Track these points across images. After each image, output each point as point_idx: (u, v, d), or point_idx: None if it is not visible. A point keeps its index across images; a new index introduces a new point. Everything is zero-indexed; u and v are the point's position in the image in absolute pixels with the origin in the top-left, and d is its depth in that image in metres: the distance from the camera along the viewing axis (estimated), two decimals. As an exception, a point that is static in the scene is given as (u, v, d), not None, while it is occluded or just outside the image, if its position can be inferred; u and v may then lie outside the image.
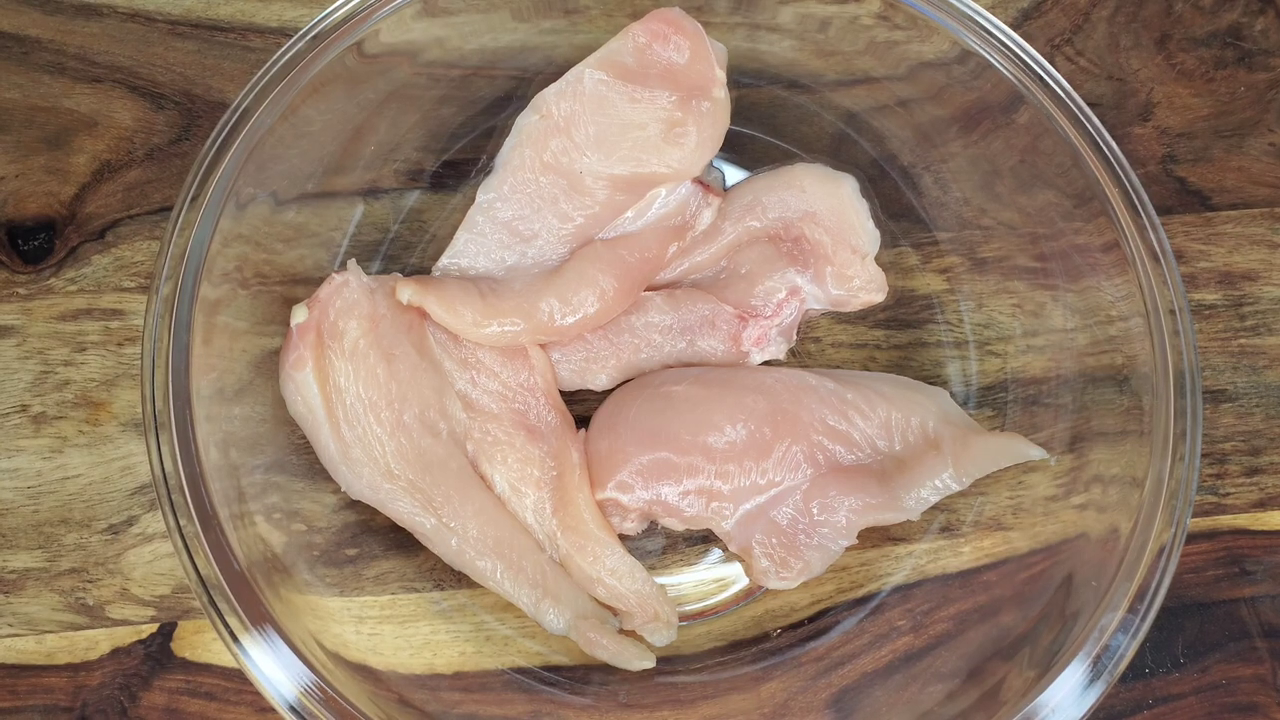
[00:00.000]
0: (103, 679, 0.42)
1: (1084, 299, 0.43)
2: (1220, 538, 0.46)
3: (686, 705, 0.41)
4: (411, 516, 0.41)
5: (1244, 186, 0.51)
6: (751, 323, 0.45)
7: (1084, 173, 0.41)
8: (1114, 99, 0.51)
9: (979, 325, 0.47)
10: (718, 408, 0.43)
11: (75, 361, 0.46)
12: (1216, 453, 0.47)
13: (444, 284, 0.43)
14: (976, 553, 0.43)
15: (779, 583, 0.42)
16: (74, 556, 0.44)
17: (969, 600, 0.42)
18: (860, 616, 0.43)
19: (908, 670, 0.41)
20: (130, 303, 0.47)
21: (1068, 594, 0.39)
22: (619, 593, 0.42)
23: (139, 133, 0.49)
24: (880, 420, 0.44)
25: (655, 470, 0.43)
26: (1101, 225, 0.41)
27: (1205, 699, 0.44)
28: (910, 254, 0.48)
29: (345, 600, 0.41)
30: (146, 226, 0.48)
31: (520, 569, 0.42)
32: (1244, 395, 0.48)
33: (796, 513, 0.43)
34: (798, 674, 0.42)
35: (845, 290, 0.45)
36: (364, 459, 0.41)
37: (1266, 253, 0.50)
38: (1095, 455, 0.41)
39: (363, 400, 0.41)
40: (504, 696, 0.41)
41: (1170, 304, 0.39)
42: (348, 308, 0.42)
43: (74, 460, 0.45)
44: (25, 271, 0.47)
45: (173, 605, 0.43)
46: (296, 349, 0.41)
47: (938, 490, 0.42)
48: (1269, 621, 0.45)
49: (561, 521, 0.42)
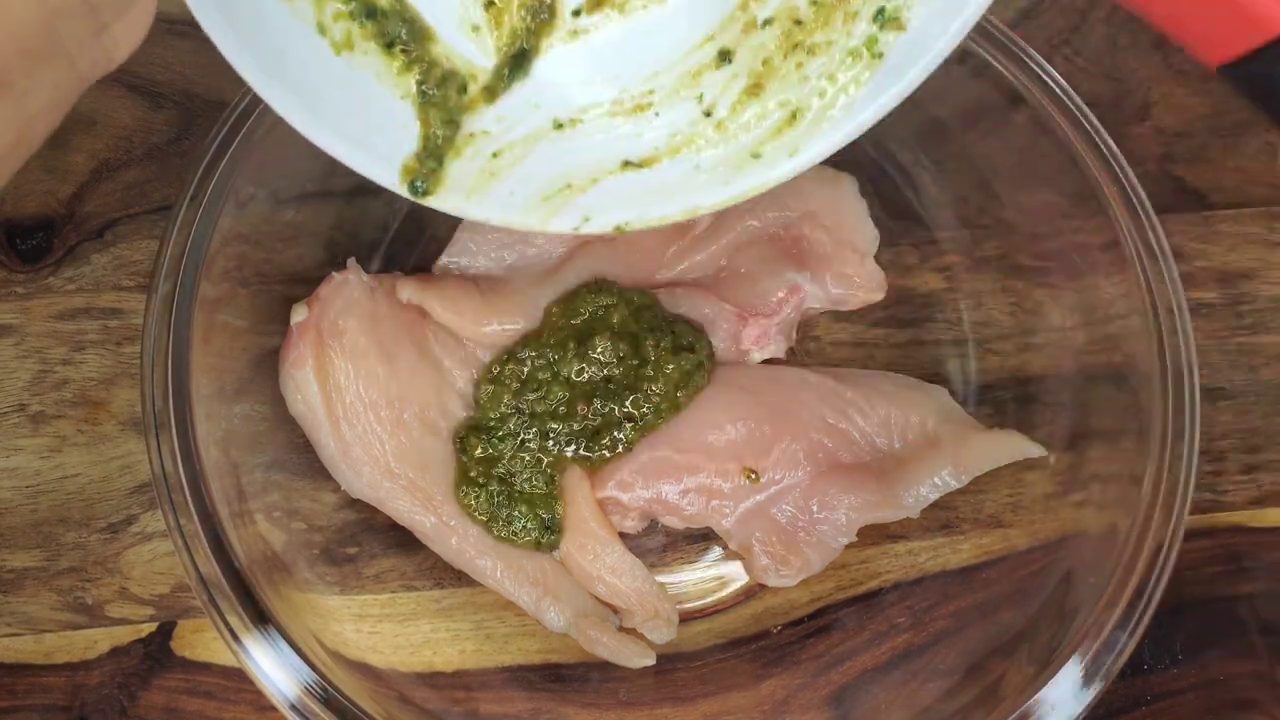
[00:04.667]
0: (101, 678, 0.42)
1: (1082, 297, 0.43)
2: (1218, 535, 0.46)
3: (687, 702, 0.41)
4: (411, 515, 0.41)
5: (1241, 185, 0.51)
6: (751, 321, 0.45)
7: (1082, 172, 0.41)
8: (1112, 98, 0.51)
9: (978, 323, 0.47)
10: (718, 406, 0.43)
11: (74, 360, 0.46)
12: (1214, 450, 0.47)
13: (444, 283, 0.43)
14: (976, 550, 0.43)
15: (779, 580, 0.42)
16: (73, 556, 0.44)
17: (968, 597, 0.42)
18: (860, 614, 0.43)
19: (907, 667, 0.41)
20: (129, 302, 0.47)
21: (1066, 591, 0.39)
22: (619, 590, 0.42)
23: (138, 131, 0.49)
24: (880, 418, 0.44)
25: (655, 468, 0.43)
26: (1100, 224, 0.41)
27: (1203, 695, 0.44)
28: (909, 253, 0.48)
29: (345, 599, 0.41)
30: (146, 225, 0.48)
31: (520, 567, 0.42)
32: (1241, 393, 0.48)
33: (796, 510, 0.43)
34: (798, 671, 0.42)
35: (844, 289, 0.46)
36: (364, 457, 0.41)
37: (1264, 251, 0.50)
38: (1094, 453, 0.41)
39: (363, 399, 0.41)
40: (504, 694, 0.41)
41: (1168, 302, 0.40)
42: (348, 306, 0.42)
43: (73, 459, 0.45)
44: (24, 270, 0.47)
45: (172, 604, 0.43)
46: (296, 348, 0.41)
47: (937, 488, 0.42)
48: (1267, 618, 0.45)
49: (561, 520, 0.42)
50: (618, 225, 0.34)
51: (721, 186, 0.34)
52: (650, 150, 0.35)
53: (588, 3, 0.34)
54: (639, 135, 0.35)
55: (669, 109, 0.35)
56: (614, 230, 0.34)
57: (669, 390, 0.42)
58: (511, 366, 0.42)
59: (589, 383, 0.42)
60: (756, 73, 0.34)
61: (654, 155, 0.35)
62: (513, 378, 0.42)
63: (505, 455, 0.42)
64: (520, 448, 0.42)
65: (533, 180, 0.35)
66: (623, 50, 0.35)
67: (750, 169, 0.34)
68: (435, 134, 0.34)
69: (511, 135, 0.34)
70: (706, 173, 0.34)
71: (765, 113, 0.34)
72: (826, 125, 0.33)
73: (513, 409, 0.42)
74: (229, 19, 0.30)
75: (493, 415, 0.42)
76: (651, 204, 0.34)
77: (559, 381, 0.42)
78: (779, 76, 0.34)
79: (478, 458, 0.42)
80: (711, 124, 0.35)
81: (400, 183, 0.34)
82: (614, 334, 0.42)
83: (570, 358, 0.42)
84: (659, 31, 0.35)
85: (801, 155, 0.33)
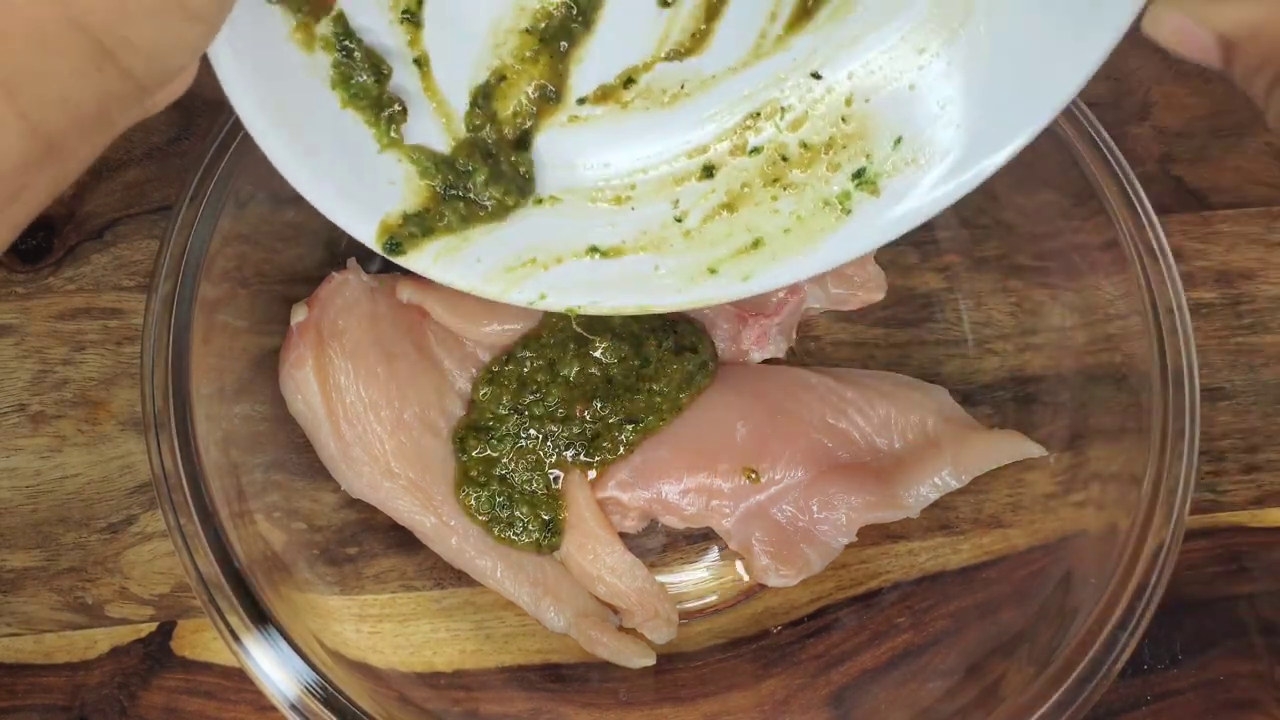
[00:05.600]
0: (101, 678, 0.42)
1: (1082, 297, 0.43)
2: (1218, 535, 0.46)
3: (686, 702, 0.41)
4: (411, 515, 0.41)
5: (1241, 185, 0.51)
6: (751, 321, 0.45)
7: (1082, 172, 0.41)
8: (1112, 98, 0.51)
9: (978, 323, 0.47)
10: (718, 406, 0.43)
11: (74, 360, 0.46)
12: (1214, 450, 0.47)
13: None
14: (976, 550, 0.43)
15: (779, 580, 0.42)
16: (73, 555, 0.44)
17: (968, 597, 0.42)
18: (860, 614, 0.43)
19: (907, 667, 0.41)
20: (129, 302, 0.47)
21: (1066, 591, 0.39)
22: (619, 590, 0.42)
23: (138, 131, 0.49)
24: (879, 418, 0.44)
25: (655, 468, 0.43)
26: (1100, 224, 0.41)
27: (1203, 695, 0.44)
28: (909, 252, 0.48)
29: (345, 599, 0.41)
30: (145, 225, 0.48)
31: (520, 567, 0.42)
32: (1241, 393, 0.48)
33: (796, 510, 0.43)
34: (798, 671, 0.42)
35: (844, 289, 0.46)
36: (364, 457, 0.41)
37: (1263, 251, 0.50)
38: (1094, 453, 0.41)
39: (363, 399, 0.41)
40: (504, 694, 0.41)
41: (1168, 302, 0.40)
42: (348, 306, 0.42)
43: (73, 459, 0.45)
44: (24, 270, 0.47)
45: (172, 604, 0.43)
46: (296, 348, 0.41)
47: (937, 488, 0.42)
48: (1267, 618, 0.45)
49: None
50: (570, 307, 0.36)
51: (674, 293, 0.36)
52: (618, 242, 0.36)
53: (594, 93, 0.35)
54: (612, 225, 0.36)
55: (645, 206, 0.36)
56: (565, 310, 0.36)
57: (671, 391, 0.42)
58: (510, 367, 0.42)
59: (589, 384, 0.42)
60: (733, 194, 0.36)
61: (620, 247, 0.36)
62: (511, 378, 0.42)
63: (504, 456, 0.42)
64: (519, 448, 0.42)
65: (500, 250, 0.36)
66: (617, 142, 0.36)
67: (704, 283, 0.36)
68: (442, 213, 0.35)
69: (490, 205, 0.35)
70: (664, 276, 0.36)
71: (731, 233, 0.36)
72: (783, 261, 0.35)
73: (510, 409, 0.42)
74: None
75: (491, 415, 0.42)
76: (608, 293, 0.36)
77: (557, 383, 0.42)
78: (753, 203, 0.36)
79: (477, 458, 0.42)
80: (680, 231, 0.36)
81: (376, 239, 0.35)
82: (615, 334, 0.42)
83: (570, 358, 0.42)
84: (655, 133, 0.36)
85: (753, 282, 0.35)
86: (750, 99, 0.35)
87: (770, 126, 0.35)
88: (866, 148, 0.34)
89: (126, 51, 0.24)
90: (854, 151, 0.34)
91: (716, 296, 0.36)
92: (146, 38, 0.25)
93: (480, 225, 0.36)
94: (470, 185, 0.35)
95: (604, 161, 0.36)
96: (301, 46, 0.32)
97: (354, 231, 0.35)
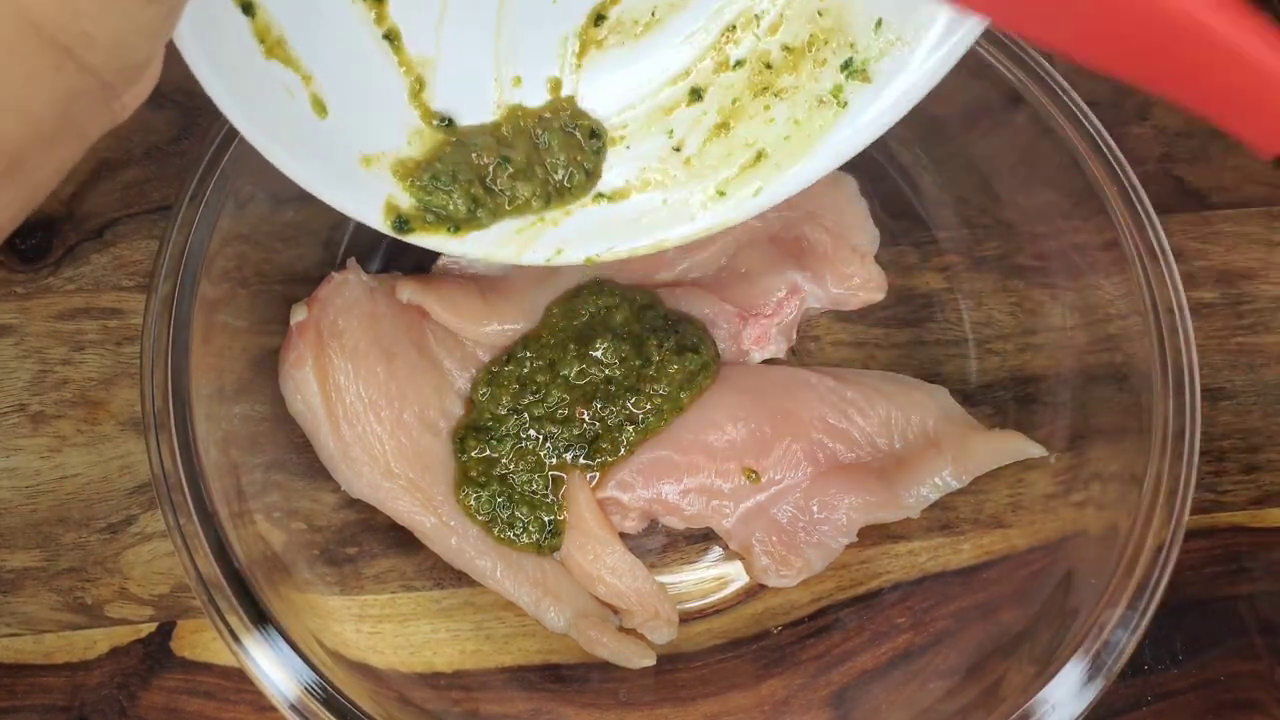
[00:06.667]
0: (101, 678, 0.42)
1: (1083, 297, 0.43)
2: (1218, 535, 0.46)
3: (687, 703, 0.41)
4: (411, 515, 0.41)
5: (1242, 185, 0.51)
6: (751, 321, 0.45)
7: (1083, 171, 0.41)
8: (1112, 98, 0.51)
9: (978, 323, 0.47)
10: (718, 406, 0.43)
11: (74, 360, 0.46)
12: (1214, 450, 0.47)
13: (444, 283, 0.43)
14: (976, 550, 0.43)
15: (779, 580, 0.42)
16: (72, 556, 0.44)
17: (969, 598, 0.42)
18: (860, 614, 0.43)
19: (908, 667, 0.41)
20: (129, 301, 0.47)
21: (1067, 591, 0.39)
22: (619, 591, 0.42)
23: (137, 131, 0.49)
24: (880, 418, 0.44)
25: (655, 468, 0.43)
26: (1100, 224, 0.41)
27: (1204, 695, 0.44)
28: (910, 253, 0.48)
29: (345, 599, 0.41)
30: (145, 225, 0.48)
31: (520, 567, 0.42)
32: (1242, 393, 0.48)
33: (796, 511, 0.43)
34: (798, 671, 0.42)
35: (845, 289, 0.46)
36: (363, 457, 0.41)
37: (1264, 251, 0.50)
38: (1094, 453, 0.41)
39: (362, 399, 0.41)
40: (504, 695, 0.41)
41: (1169, 302, 0.40)
42: (347, 306, 0.42)
43: (72, 459, 0.45)
44: (23, 270, 0.47)
45: (172, 604, 0.43)
46: (296, 347, 0.41)
47: (937, 488, 0.42)
48: (1267, 618, 0.45)
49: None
50: (588, 257, 0.36)
51: (687, 222, 0.36)
52: (621, 183, 0.36)
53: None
54: (611, 168, 0.36)
55: (640, 142, 0.36)
56: (584, 261, 0.36)
57: (672, 391, 0.42)
58: (510, 367, 0.42)
59: (589, 384, 0.42)
60: (725, 111, 0.35)
61: (625, 188, 0.36)
62: (511, 378, 0.42)
63: (504, 456, 0.42)
64: (519, 449, 0.42)
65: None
66: (600, 83, 0.36)
67: (715, 206, 0.36)
68: (457, 206, 0.35)
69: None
70: (673, 208, 0.36)
71: (731, 152, 0.35)
72: (789, 168, 0.35)
73: (510, 410, 0.42)
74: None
75: (490, 416, 0.42)
76: (621, 237, 0.36)
77: (557, 383, 0.42)
78: (747, 117, 0.35)
79: (477, 458, 0.42)
80: (680, 160, 0.36)
81: (384, 219, 0.35)
82: (615, 335, 0.42)
83: (570, 359, 0.42)
84: (635, 66, 0.35)
85: (764, 195, 0.35)
86: (722, 12, 0.35)
87: (749, 36, 0.35)
88: (849, 38, 0.33)
89: (84, 46, 0.23)
90: (837, 45, 0.33)
91: (731, 218, 0.35)
92: (105, 27, 0.23)
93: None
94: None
95: (590, 107, 0.36)
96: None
97: (363, 216, 0.35)
